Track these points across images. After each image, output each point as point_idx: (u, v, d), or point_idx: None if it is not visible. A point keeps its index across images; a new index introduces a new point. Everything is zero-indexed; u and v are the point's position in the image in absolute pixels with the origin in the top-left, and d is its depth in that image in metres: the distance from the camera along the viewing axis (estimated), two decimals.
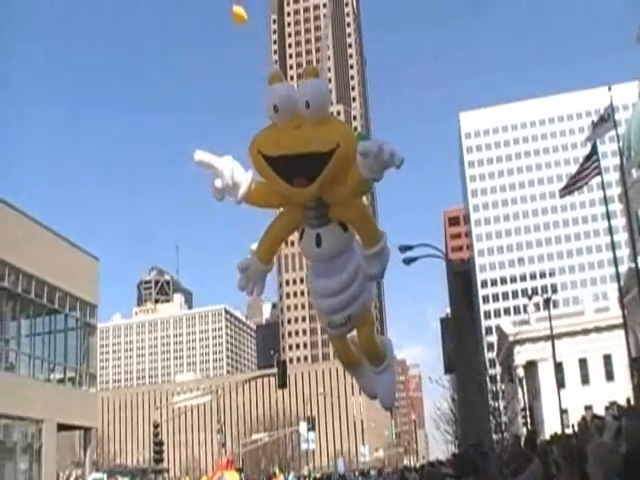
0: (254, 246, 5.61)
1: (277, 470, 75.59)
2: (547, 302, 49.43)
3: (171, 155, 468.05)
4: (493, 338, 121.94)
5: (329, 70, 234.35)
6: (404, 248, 34.45)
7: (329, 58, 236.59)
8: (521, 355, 78.93)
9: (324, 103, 5.05)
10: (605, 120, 31.89)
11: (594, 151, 31.88)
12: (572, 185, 32.49)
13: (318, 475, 49.36)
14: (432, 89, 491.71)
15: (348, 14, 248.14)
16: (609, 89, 32.66)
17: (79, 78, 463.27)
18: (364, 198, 6.04)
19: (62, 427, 38.88)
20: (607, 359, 75.09)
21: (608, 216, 34.69)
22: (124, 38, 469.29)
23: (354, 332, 6.16)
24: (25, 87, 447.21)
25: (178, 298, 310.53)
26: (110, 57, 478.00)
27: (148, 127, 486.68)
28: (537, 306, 77.26)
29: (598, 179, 32.39)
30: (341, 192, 5.17)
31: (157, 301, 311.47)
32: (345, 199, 5.28)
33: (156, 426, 50.62)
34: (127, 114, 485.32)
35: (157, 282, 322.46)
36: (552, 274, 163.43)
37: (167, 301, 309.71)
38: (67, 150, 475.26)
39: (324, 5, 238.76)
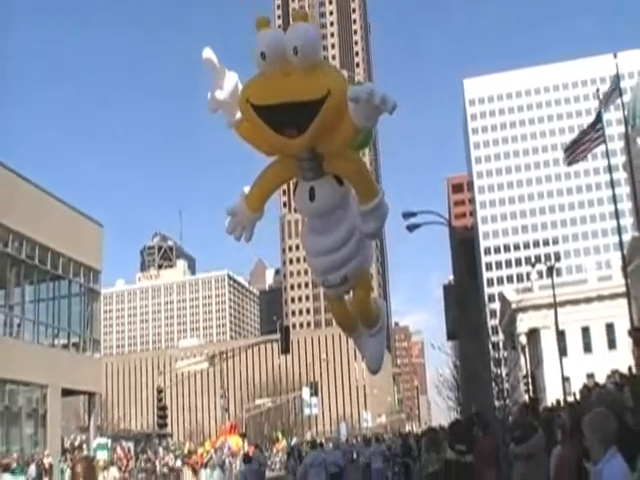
0: (246, 189, 5.40)
1: (280, 435, 76.14)
2: (550, 270, 49.42)
3: (175, 120, 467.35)
4: (496, 305, 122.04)
5: (332, 35, 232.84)
6: (407, 215, 34.37)
7: (332, 24, 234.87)
8: (524, 323, 79.09)
9: (313, 48, 4.76)
10: (613, 90, 31.72)
11: (598, 119, 31.73)
12: (578, 153, 32.31)
13: (322, 440, 49.60)
14: (436, 56, 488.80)
15: None
16: (615, 56, 32.52)
17: (85, 36, 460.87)
18: (366, 159, 5.78)
19: (66, 392, 39.14)
20: (609, 327, 75.17)
21: (612, 184, 34.56)
22: None
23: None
24: (27, 43, 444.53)
25: (181, 264, 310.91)
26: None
27: (150, 92, 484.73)
28: (540, 274, 77.43)
29: (602, 147, 32.27)
30: (335, 143, 4.95)
31: (160, 267, 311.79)
32: (339, 151, 5.07)
33: (160, 391, 50.93)
34: (130, 77, 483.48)
35: (160, 248, 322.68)
36: (555, 242, 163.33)
37: (170, 267, 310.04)
38: (70, 116, 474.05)
39: None
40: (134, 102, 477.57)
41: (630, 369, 26.62)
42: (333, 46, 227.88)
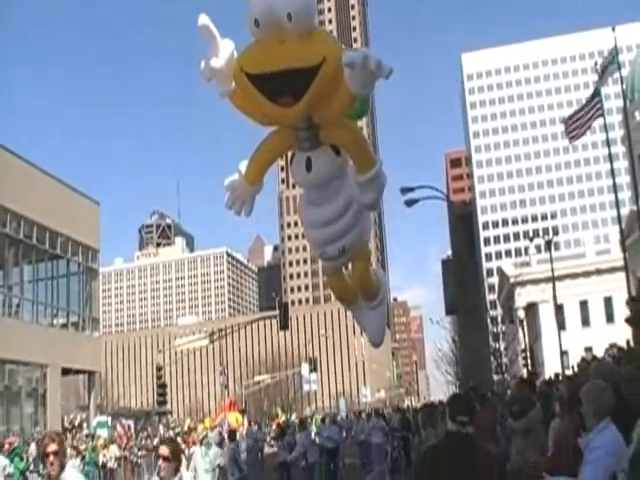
0: (243, 165, 5.31)
1: (279, 411, 76.37)
2: (548, 244, 49.42)
3: (171, 97, 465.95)
4: (494, 280, 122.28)
5: (329, 10, 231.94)
6: (405, 190, 34.32)
7: None
8: (522, 297, 79.26)
9: (308, 14, 4.64)
10: (611, 63, 31.57)
11: (597, 92, 31.63)
12: (578, 128, 32.19)
13: (320, 416, 49.71)
14: (434, 30, 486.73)
15: None
16: (613, 30, 32.37)
17: (81, 22, 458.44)
18: (364, 133, 5.74)
19: (66, 371, 39.29)
20: (608, 301, 75.34)
21: (610, 158, 34.52)
22: None
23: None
24: (23, 29, 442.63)
25: (180, 241, 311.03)
26: None
27: (147, 72, 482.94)
28: (538, 248, 77.42)
29: (600, 121, 32.19)
30: (331, 111, 4.85)
31: (159, 245, 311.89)
32: (336, 119, 4.98)
33: (159, 369, 51.05)
34: (126, 57, 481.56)
35: (158, 226, 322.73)
36: (553, 216, 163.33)
37: (169, 245, 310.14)
38: (65, 94, 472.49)
39: None
40: (129, 74, 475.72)
41: (628, 342, 26.70)
42: (330, 21, 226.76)
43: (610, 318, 74.10)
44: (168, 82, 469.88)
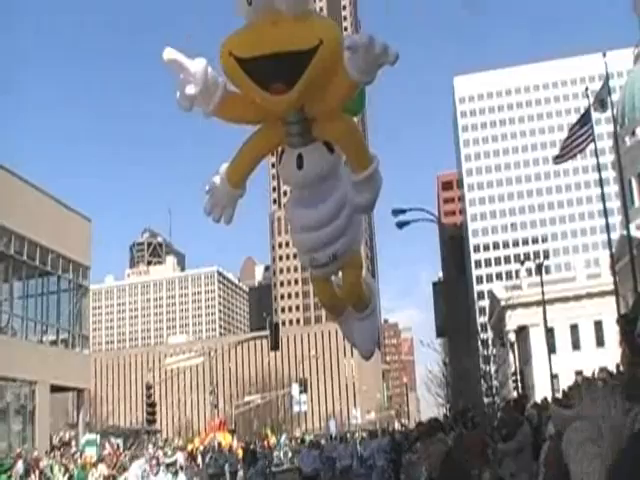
0: (224, 166, 4.82)
1: (269, 432, 76.10)
2: (539, 267, 49.62)
3: (165, 113, 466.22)
4: (485, 303, 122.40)
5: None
6: (397, 212, 34.41)
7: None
8: (512, 320, 79.18)
9: None
10: (602, 88, 31.83)
11: (588, 118, 31.84)
12: (567, 152, 32.42)
13: (311, 437, 49.76)
14: (427, 53, 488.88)
15: None
16: (604, 55, 32.63)
17: (73, 31, 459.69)
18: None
19: (55, 388, 39.08)
20: (598, 325, 75.48)
21: (601, 183, 34.71)
22: None
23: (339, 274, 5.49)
24: (20, 41, 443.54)
25: (171, 260, 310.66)
26: None
27: (139, 84, 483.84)
28: (529, 271, 77.62)
29: (592, 146, 32.38)
30: (326, 102, 4.44)
31: (150, 263, 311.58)
32: (331, 113, 4.56)
33: (149, 387, 50.92)
34: (119, 68, 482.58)
35: (150, 244, 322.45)
36: (544, 240, 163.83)
37: (160, 263, 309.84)
38: (59, 110, 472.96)
39: None
40: (121, 94, 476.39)
41: (618, 367, 26.70)
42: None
43: (600, 342, 74.21)
44: (164, 98, 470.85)
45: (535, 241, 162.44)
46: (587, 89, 35.03)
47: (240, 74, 4.22)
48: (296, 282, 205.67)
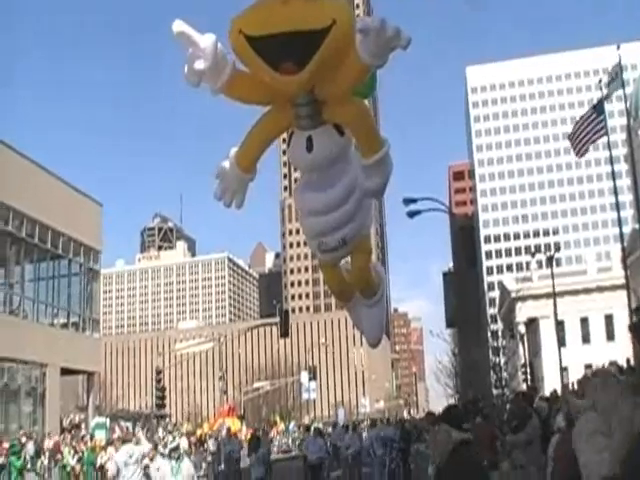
0: (233, 151, 4.77)
1: (278, 419, 76.35)
2: (550, 260, 49.43)
3: (176, 99, 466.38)
4: (495, 294, 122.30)
5: None
6: (408, 201, 34.37)
7: None
8: (522, 312, 79.11)
9: None
10: (614, 79, 31.66)
11: (601, 110, 31.67)
12: (583, 144, 32.23)
13: (320, 424, 49.77)
14: (440, 43, 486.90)
15: None
16: (618, 47, 32.38)
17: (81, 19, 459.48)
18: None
19: (65, 371, 39.26)
20: (608, 319, 75.30)
21: (613, 176, 34.53)
22: None
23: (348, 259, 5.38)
24: (24, 25, 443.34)
25: (181, 245, 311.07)
26: None
27: (151, 71, 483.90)
28: (540, 263, 77.46)
29: (604, 139, 32.23)
30: (337, 84, 4.37)
31: (160, 248, 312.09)
32: (341, 95, 4.48)
33: (159, 372, 51.11)
34: (131, 55, 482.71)
35: (160, 229, 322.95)
36: (556, 232, 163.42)
37: (170, 248, 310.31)
38: (71, 93, 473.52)
39: None
40: (135, 73, 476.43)
41: (628, 361, 26.70)
42: None
43: (610, 336, 74.07)
44: (174, 82, 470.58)
45: (546, 233, 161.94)
46: (600, 81, 34.88)
47: (250, 53, 4.15)
48: (306, 270, 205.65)
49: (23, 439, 27.80)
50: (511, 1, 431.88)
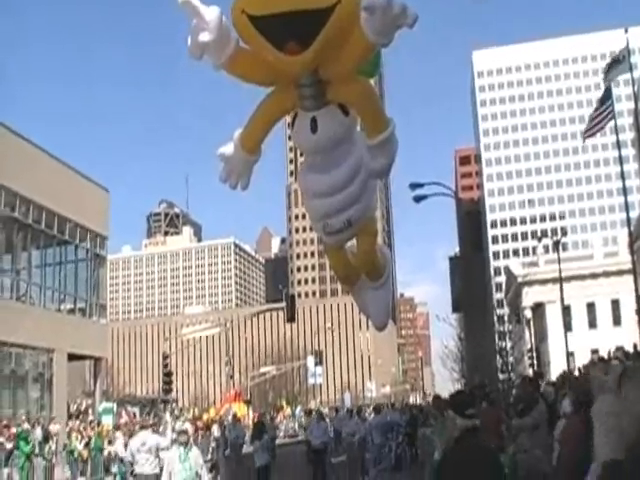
0: (237, 133, 4.72)
1: (284, 403, 76.59)
2: (556, 245, 49.37)
3: (182, 82, 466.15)
4: (502, 279, 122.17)
5: None
6: (414, 186, 34.33)
7: None
8: (529, 297, 79.12)
9: None
10: (619, 62, 31.45)
11: (608, 95, 31.54)
12: (592, 127, 32.16)
13: (326, 409, 49.99)
14: (446, 27, 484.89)
15: None
16: (626, 31, 32.21)
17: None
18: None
19: (72, 357, 39.38)
20: (615, 304, 75.21)
21: (621, 160, 34.46)
22: None
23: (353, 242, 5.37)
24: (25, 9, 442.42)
25: (187, 231, 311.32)
26: None
27: (155, 54, 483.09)
28: (546, 248, 77.29)
29: (612, 123, 32.12)
30: (341, 63, 4.30)
31: (166, 234, 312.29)
32: (346, 74, 4.42)
33: (165, 357, 51.18)
34: (138, 36, 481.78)
35: (167, 215, 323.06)
36: (562, 217, 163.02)
37: (177, 234, 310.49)
38: (75, 80, 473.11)
39: None
40: (137, 63, 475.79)
41: (635, 346, 26.71)
42: None
43: (617, 321, 73.98)
44: (182, 69, 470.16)
45: (553, 218, 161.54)
46: (607, 65, 34.70)
47: (253, 32, 4.10)
48: (312, 255, 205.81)
49: (25, 425, 27.89)
50: None
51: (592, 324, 76.92)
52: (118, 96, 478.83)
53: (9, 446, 25.82)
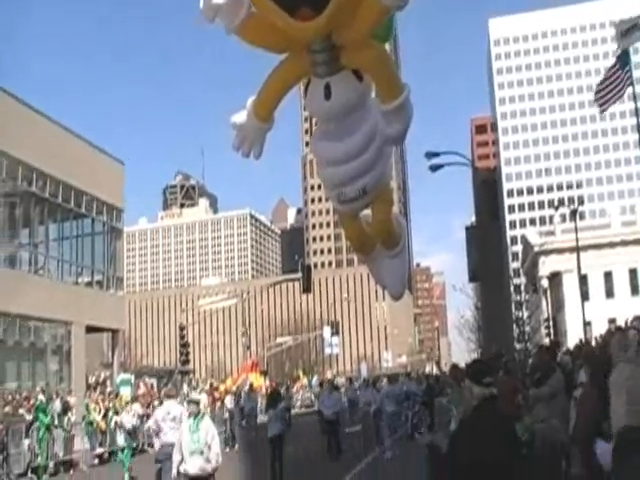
0: (250, 100, 4.62)
1: (301, 374, 76.87)
2: (573, 213, 49.19)
3: (196, 54, 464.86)
4: (518, 248, 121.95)
5: None
6: (430, 155, 34.22)
7: None
8: (546, 266, 78.90)
9: None
10: (638, 27, 31.01)
11: (627, 60, 31.14)
12: (606, 96, 31.76)
13: (342, 379, 49.90)
14: None
15: None
16: None
17: None
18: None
19: (90, 329, 39.61)
20: (633, 273, 74.99)
21: (639, 129, 34.11)
22: None
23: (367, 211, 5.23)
24: None
25: (203, 202, 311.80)
26: None
27: (173, 25, 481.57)
28: (563, 217, 77.04)
29: (630, 90, 31.76)
30: (355, 28, 4.18)
31: (183, 205, 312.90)
32: (360, 39, 4.29)
33: (182, 328, 51.46)
34: (154, 10, 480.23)
35: (182, 187, 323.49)
36: (579, 185, 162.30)
37: (192, 205, 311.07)
38: (91, 52, 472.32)
39: None
40: (158, 32, 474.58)
41: None
42: None
43: (635, 290, 73.78)
44: (196, 40, 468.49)
45: (570, 186, 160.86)
46: (622, 32, 34.29)
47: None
48: (328, 225, 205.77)
49: (40, 396, 28.12)
50: None
51: (609, 293, 76.68)
52: (133, 68, 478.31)
53: (29, 417, 26.05)
